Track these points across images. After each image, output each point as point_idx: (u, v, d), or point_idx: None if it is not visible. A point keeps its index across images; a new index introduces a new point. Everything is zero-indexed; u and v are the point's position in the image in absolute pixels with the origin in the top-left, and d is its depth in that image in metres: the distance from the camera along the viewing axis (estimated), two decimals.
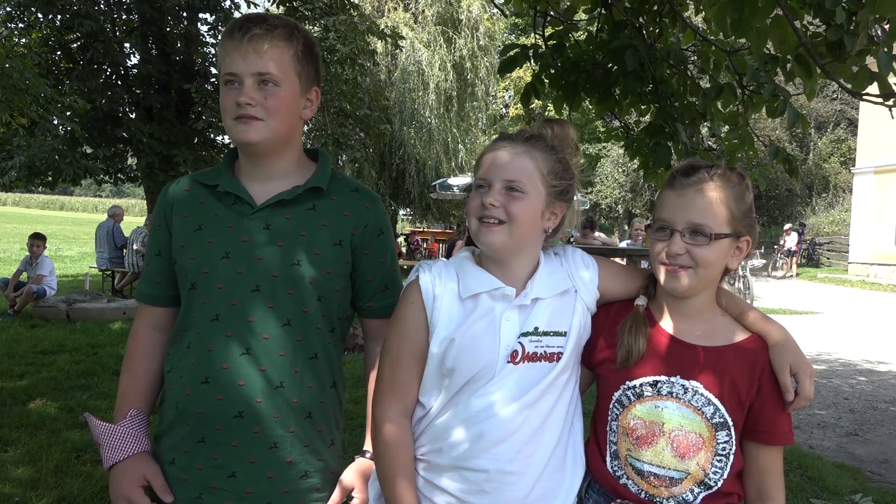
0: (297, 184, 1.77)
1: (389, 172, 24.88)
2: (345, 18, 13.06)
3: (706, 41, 3.87)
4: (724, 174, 1.66)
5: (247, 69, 1.68)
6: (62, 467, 4.40)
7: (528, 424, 1.61)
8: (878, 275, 24.75)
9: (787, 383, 1.61)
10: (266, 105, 1.69)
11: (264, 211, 1.74)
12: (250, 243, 1.71)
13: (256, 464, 1.70)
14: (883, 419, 7.05)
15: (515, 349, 1.61)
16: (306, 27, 11.05)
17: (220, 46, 1.76)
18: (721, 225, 1.63)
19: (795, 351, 1.64)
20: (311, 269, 1.73)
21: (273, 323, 1.70)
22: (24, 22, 11.73)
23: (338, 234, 1.77)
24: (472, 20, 25.23)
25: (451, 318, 1.63)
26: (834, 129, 38.76)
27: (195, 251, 1.74)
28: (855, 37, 2.78)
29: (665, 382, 1.67)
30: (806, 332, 12.58)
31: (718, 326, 1.72)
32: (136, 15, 12.15)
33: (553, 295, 1.67)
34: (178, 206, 1.80)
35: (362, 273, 1.84)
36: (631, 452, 1.69)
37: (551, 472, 1.65)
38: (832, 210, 34.53)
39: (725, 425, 1.64)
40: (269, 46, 1.69)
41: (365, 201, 1.83)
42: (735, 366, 1.65)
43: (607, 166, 36.66)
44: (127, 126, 11.66)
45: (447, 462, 1.64)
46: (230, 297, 1.70)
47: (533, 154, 1.63)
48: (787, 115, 3.20)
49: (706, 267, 1.64)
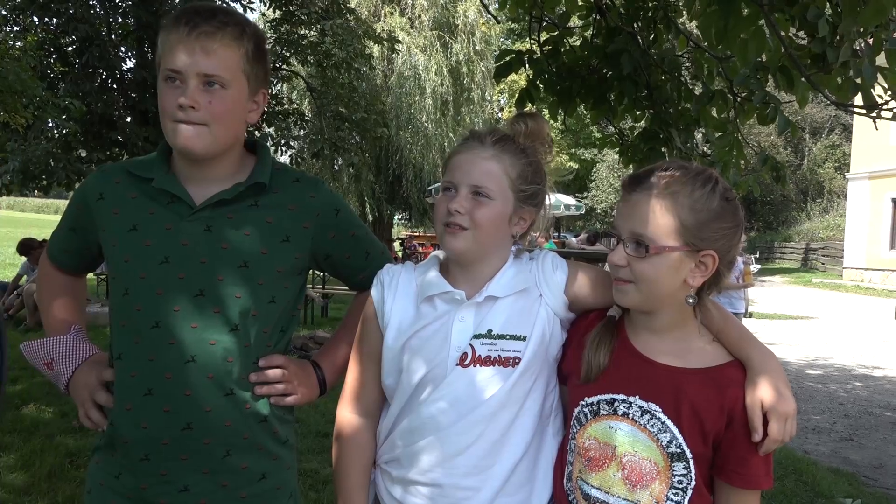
0: (238, 181, 1.65)
1: (386, 177, 24.89)
2: (341, 23, 13.06)
3: (699, 48, 3.88)
4: (680, 178, 1.44)
5: (192, 68, 1.53)
6: (55, 472, 4.38)
7: (485, 438, 1.55)
8: (873, 280, 24.82)
9: (755, 422, 1.40)
10: (211, 109, 1.55)
11: (204, 211, 1.61)
12: (191, 246, 1.60)
13: (209, 474, 1.61)
14: (878, 424, 7.06)
15: (465, 351, 1.55)
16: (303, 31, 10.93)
17: (161, 37, 1.59)
18: (664, 236, 1.42)
19: (774, 385, 1.41)
20: (259, 269, 1.63)
21: (220, 328, 1.59)
22: (19, 25, 11.71)
23: (284, 230, 1.67)
24: (468, 25, 25.29)
25: (404, 320, 1.61)
26: (828, 134, 38.87)
27: (130, 253, 1.61)
28: (838, 49, 2.79)
29: (622, 401, 1.50)
30: (801, 337, 12.61)
31: (692, 347, 1.51)
32: (132, 19, 12.14)
33: (510, 294, 1.58)
34: (108, 197, 1.66)
35: (339, 254, 1.79)
36: (581, 475, 1.54)
37: (513, 488, 1.58)
38: (827, 215, 34.61)
39: (683, 456, 1.45)
40: (219, 45, 1.55)
41: (308, 191, 1.72)
42: (700, 392, 1.45)
43: (602, 171, 36.72)
44: (122, 130, 11.63)
45: (401, 474, 1.61)
46: (171, 304, 1.58)
47: (501, 158, 1.56)
48: (778, 122, 3.21)
49: (646, 282, 1.45)
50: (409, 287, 1.65)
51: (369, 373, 1.68)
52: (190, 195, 1.63)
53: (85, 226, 1.71)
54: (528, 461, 1.59)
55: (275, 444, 1.70)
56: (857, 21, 2.54)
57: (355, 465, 1.68)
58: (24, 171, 10.68)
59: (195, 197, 1.63)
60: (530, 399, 1.59)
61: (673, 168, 1.47)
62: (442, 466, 1.56)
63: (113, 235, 1.64)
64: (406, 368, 1.60)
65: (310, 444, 5.07)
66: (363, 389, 1.70)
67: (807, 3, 2.75)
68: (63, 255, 1.82)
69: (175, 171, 1.67)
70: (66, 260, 1.83)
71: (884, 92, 2.96)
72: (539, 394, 1.61)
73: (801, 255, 32.84)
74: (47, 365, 1.74)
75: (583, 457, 1.54)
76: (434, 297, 1.60)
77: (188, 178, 1.65)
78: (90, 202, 1.68)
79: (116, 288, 1.64)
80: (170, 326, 1.58)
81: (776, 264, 33.16)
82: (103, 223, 1.66)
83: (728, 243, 1.47)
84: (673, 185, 1.44)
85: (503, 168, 1.56)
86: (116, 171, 1.71)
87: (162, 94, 1.58)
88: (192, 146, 1.57)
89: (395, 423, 1.63)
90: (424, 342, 1.58)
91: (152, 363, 1.58)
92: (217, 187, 1.64)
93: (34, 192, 13.19)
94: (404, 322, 1.62)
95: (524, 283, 1.60)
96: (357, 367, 1.71)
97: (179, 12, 1.60)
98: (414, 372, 1.59)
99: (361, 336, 1.71)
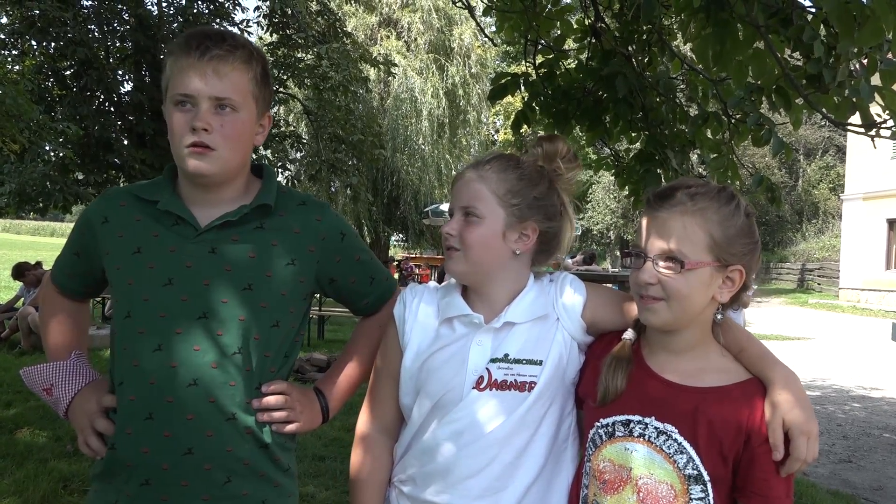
0: (243, 203, 1.65)
1: (382, 199, 24.94)
2: (338, 46, 13.17)
3: (693, 70, 3.91)
4: (706, 194, 1.45)
5: (205, 91, 1.54)
6: (49, 497, 4.34)
7: (498, 461, 1.55)
8: (869, 300, 24.83)
9: (776, 441, 1.37)
10: (223, 133, 1.56)
11: (209, 233, 1.61)
12: (195, 268, 1.59)
13: (210, 500, 1.59)
14: (877, 445, 7.03)
15: (482, 375, 1.56)
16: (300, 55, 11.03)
17: (170, 62, 1.59)
18: (698, 252, 1.42)
19: (797, 402, 1.39)
20: (263, 292, 1.62)
21: (222, 352, 1.58)
22: (17, 49, 11.77)
23: (290, 252, 1.66)
24: (463, 48, 25.51)
25: (424, 341, 1.63)
26: (822, 155, 39.09)
27: (133, 276, 1.61)
28: (834, 70, 2.81)
29: (638, 423, 1.48)
30: (798, 357, 12.59)
31: (710, 366, 1.50)
32: (129, 42, 12.22)
33: (529, 320, 1.59)
34: (113, 221, 1.66)
35: (344, 278, 1.77)
36: (597, 497, 1.52)
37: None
38: (822, 236, 34.71)
39: (700, 479, 1.42)
40: (231, 69, 1.56)
41: (314, 214, 1.72)
42: (719, 412, 1.43)
43: (598, 192, 36.84)
44: (119, 152, 11.67)
45: (415, 493, 1.62)
46: (174, 326, 1.56)
47: (487, 177, 1.59)
48: (772, 143, 3.23)
49: (680, 300, 1.43)
50: (431, 308, 1.67)
51: (388, 391, 1.70)
52: (195, 217, 1.62)
53: (89, 250, 1.70)
54: (541, 484, 1.59)
55: (276, 472, 1.67)
56: (853, 42, 2.56)
57: (372, 482, 1.69)
58: (20, 194, 10.68)
59: (200, 219, 1.62)
60: (545, 423, 1.59)
61: (696, 185, 1.48)
62: (455, 488, 1.57)
63: (117, 258, 1.64)
64: (423, 389, 1.61)
65: (306, 468, 5.02)
66: (382, 407, 1.72)
67: (802, 25, 2.78)
68: (67, 279, 1.80)
69: (180, 193, 1.67)
70: (69, 284, 1.81)
71: (882, 111, 2.97)
72: (554, 418, 1.61)
73: (797, 276, 32.86)
74: (46, 391, 1.71)
75: (598, 479, 1.53)
76: (453, 320, 1.62)
77: (193, 200, 1.65)
78: (95, 226, 1.68)
79: (119, 311, 1.63)
80: (172, 349, 1.56)
81: (772, 285, 33.17)
82: (108, 246, 1.66)
83: (752, 258, 1.48)
84: (700, 201, 1.44)
85: (489, 186, 1.59)
86: (122, 194, 1.71)
87: (172, 118, 1.58)
88: (203, 170, 1.57)
89: (412, 442, 1.65)
90: (442, 364, 1.60)
91: (153, 386, 1.56)
92: (222, 209, 1.63)
93: (30, 214, 13.16)
94: (423, 343, 1.63)
95: (542, 310, 1.62)
96: (377, 385, 1.73)
97: (188, 37, 1.59)
98: (430, 393, 1.60)
99: (382, 353, 1.73)
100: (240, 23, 13.31)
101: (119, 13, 12.08)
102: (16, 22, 11.36)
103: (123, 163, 11.54)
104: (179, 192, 1.67)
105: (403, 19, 25.52)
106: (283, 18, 12.97)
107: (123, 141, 12.21)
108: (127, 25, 12.20)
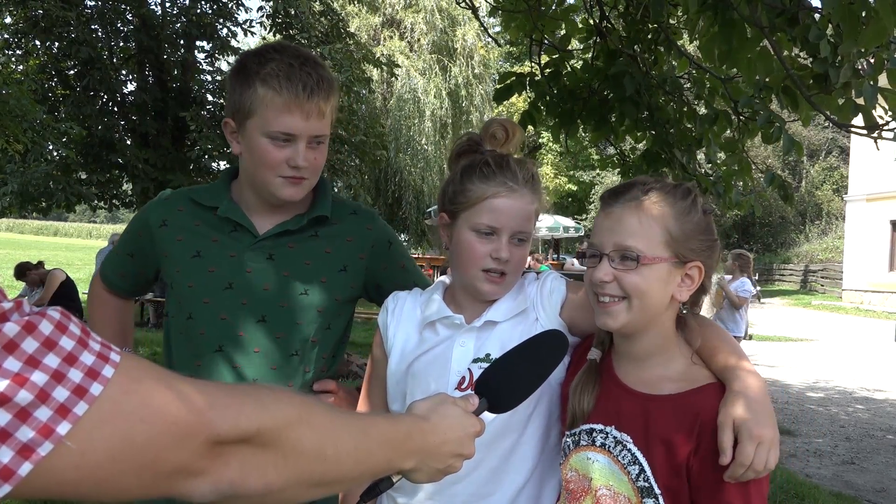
0: (298, 212, 1.72)
1: (385, 199, 24.94)
2: (341, 47, 13.16)
3: (701, 69, 3.90)
4: (662, 189, 1.41)
5: (307, 131, 1.57)
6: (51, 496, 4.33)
7: (484, 465, 1.52)
8: (873, 302, 24.79)
9: (723, 441, 1.26)
10: (315, 165, 1.63)
11: (267, 241, 1.68)
12: (254, 273, 1.66)
13: None
14: (879, 447, 7.01)
15: (464, 375, 1.54)
16: None
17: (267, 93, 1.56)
18: (654, 247, 1.37)
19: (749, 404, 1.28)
20: (319, 297, 1.69)
21: (281, 354, 1.66)
22: (21, 49, 11.79)
23: (342, 259, 1.74)
24: (466, 49, 25.50)
25: (407, 345, 1.63)
26: (826, 157, 39.04)
27: (194, 280, 1.67)
28: (839, 69, 2.81)
29: (600, 432, 1.44)
30: (801, 359, 12.57)
31: (672, 373, 1.43)
32: (133, 43, 12.24)
33: (509, 318, 1.57)
34: (172, 224, 1.72)
35: (389, 285, 1.80)
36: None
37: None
38: (825, 237, 34.66)
39: (651, 492, 1.36)
40: (327, 107, 1.59)
41: (365, 223, 1.80)
42: (670, 420, 1.36)
43: (601, 193, 36.80)
44: (122, 152, 11.69)
45: (403, 500, 1.60)
46: (235, 329, 1.64)
47: (534, 199, 1.57)
48: (783, 141, 3.21)
49: (639, 297, 1.37)
50: (413, 312, 1.66)
51: (377, 398, 1.70)
52: (254, 224, 1.69)
53: (145, 251, 1.76)
54: (531, 489, 1.57)
55: None
56: (857, 42, 2.55)
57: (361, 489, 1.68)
58: (22, 194, 10.70)
59: (258, 226, 1.69)
60: (532, 426, 1.56)
61: (652, 181, 1.45)
62: (442, 494, 1.54)
63: (176, 262, 1.70)
64: (409, 393, 1.59)
65: None
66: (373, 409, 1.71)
67: (808, 24, 2.77)
68: (118, 278, 1.87)
69: (237, 200, 1.72)
70: (119, 283, 1.88)
71: (884, 113, 2.97)
72: (541, 421, 1.58)
73: (801, 277, 32.82)
74: None
75: (565, 489, 1.50)
76: (436, 323, 1.61)
77: (252, 208, 1.71)
78: (153, 228, 1.73)
79: (179, 312, 1.69)
80: (232, 350, 1.63)
81: (775, 286, 33.14)
82: (166, 249, 1.71)
83: (710, 256, 1.44)
84: (655, 196, 1.40)
85: (536, 210, 1.58)
86: (179, 198, 1.76)
87: (267, 151, 1.58)
88: (297, 197, 1.65)
89: None
90: (426, 367, 1.59)
91: None
92: (278, 218, 1.70)
93: (33, 214, 13.18)
94: (407, 347, 1.63)
95: (522, 305, 1.59)
96: (366, 392, 1.74)
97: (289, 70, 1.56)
98: (416, 397, 1.56)
99: (371, 360, 1.74)
100: (243, 23, 13.31)
101: (122, 13, 12.09)
102: (19, 22, 11.39)
103: (126, 162, 11.56)
104: (237, 199, 1.72)
105: (406, 20, 25.53)
106: (287, 19, 12.98)
107: (126, 141, 12.23)
108: (130, 25, 12.21)
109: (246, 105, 1.59)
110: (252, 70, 1.59)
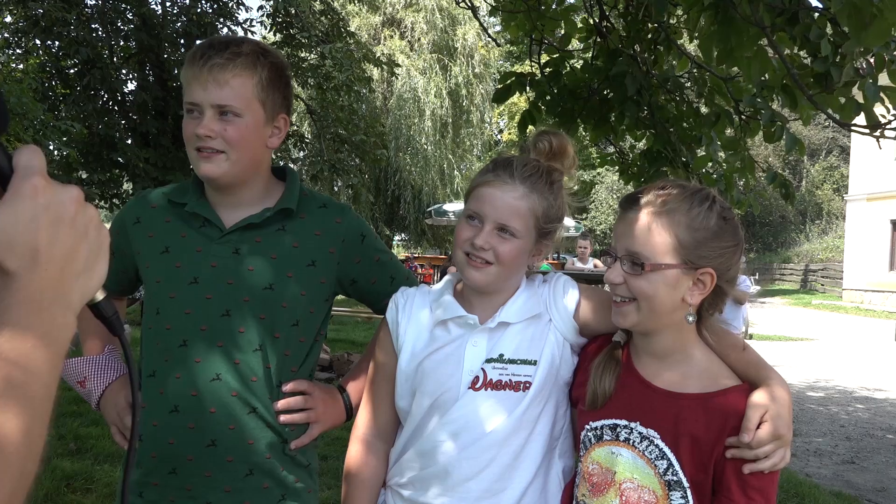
0: (267, 206, 1.72)
1: (385, 198, 24.98)
2: (341, 46, 13.14)
3: (702, 68, 3.90)
4: (678, 196, 1.44)
5: (206, 99, 1.61)
6: (52, 496, 4.34)
7: (496, 462, 1.55)
8: (873, 301, 24.79)
9: (751, 419, 1.36)
10: (226, 137, 1.62)
11: (233, 234, 1.69)
12: (220, 268, 1.67)
13: (231, 492, 1.65)
14: (880, 447, 7.02)
15: (477, 375, 1.56)
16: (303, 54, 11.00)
17: (182, 73, 1.69)
18: (661, 254, 1.41)
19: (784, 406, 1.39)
20: (283, 292, 1.68)
21: (245, 348, 1.65)
22: (21, 48, 11.79)
23: (310, 254, 1.73)
24: (467, 48, 25.52)
25: (418, 343, 1.63)
26: (826, 156, 39.02)
27: (162, 275, 1.70)
28: (841, 68, 2.81)
29: (624, 427, 1.49)
30: (801, 358, 12.57)
31: (694, 370, 1.49)
32: (133, 42, 12.22)
33: (522, 320, 1.60)
34: (144, 221, 1.75)
35: (365, 279, 1.82)
36: (585, 499, 1.54)
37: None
38: (826, 237, 34.67)
39: (680, 485, 1.43)
40: (231, 76, 1.61)
41: (334, 216, 1.78)
42: (700, 418, 1.42)
43: (601, 192, 36.81)
44: (123, 151, 11.67)
45: (414, 497, 1.61)
46: (199, 323, 1.65)
47: (530, 197, 1.55)
48: (785, 140, 3.21)
49: (646, 300, 1.42)
50: (424, 310, 1.66)
51: (383, 395, 1.70)
52: (220, 219, 1.70)
53: (123, 249, 1.77)
54: (538, 484, 1.60)
55: (296, 467, 1.74)
56: (860, 41, 2.55)
57: (367, 482, 1.70)
58: None
59: (225, 221, 1.70)
60: (541, 423, 1.60)
61: (670, 187, 1.47)
62: (454, 491, 1.56)
63: (147, 258, 1.73)
64: (419, 391, 1.61)
65: None
66: (378, 410, 1.71)
67: (809, 24, 2.77)
68: None
69: (207, 196, 1.74)
70: None
71: (886, 112, 2.97)
72: (549, 417, 1.61)
73: (801, 277, 32.83)
74: (80, 383, 1.79)
75: (587, 481, 1.54)
76: (448, 321, 1.62)
77: (218, 203, 1.73)
78: (128, 226, 1.76)
79: (149, 308, 1.72)
80: (197, 345, 1.64)
81: (775, 286, 33.14)
82: (139, 246, 1.74)
83: (727, 262, 1.46)
84: (670, 203, 1.43)
85: (531, 207, 1.56)
86: (154, 196, 1.80)
87: (184, 125, 1.67)
88: (210, 172, 1.64)
89: (407, 445, 1.64)
90: (437, 365, 1.60)
91: (179, 380, 1.64)
92: (246, 212, 1.71)
93: None
94: (418, 345, 1.63)
95: (535, 309, 1.62)
96: (372, 389, 1.73)
97: (196, 48, 1.67)
98: (426, 395, 1.60)
99: (377, 358, 1.73)
100: (243, 22, 13.30)
101: (123, 12, 12.08)
102: (19, 21, 11.38)
103: (127, 162, 11.54)
104: (208, 193, 1.74)
105: (407, 19, 25.54)
106: (287, 18, 12.96)
107: (127, 140, 12.21)
108: (131, 25, 12.19)
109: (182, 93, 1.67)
110: None
